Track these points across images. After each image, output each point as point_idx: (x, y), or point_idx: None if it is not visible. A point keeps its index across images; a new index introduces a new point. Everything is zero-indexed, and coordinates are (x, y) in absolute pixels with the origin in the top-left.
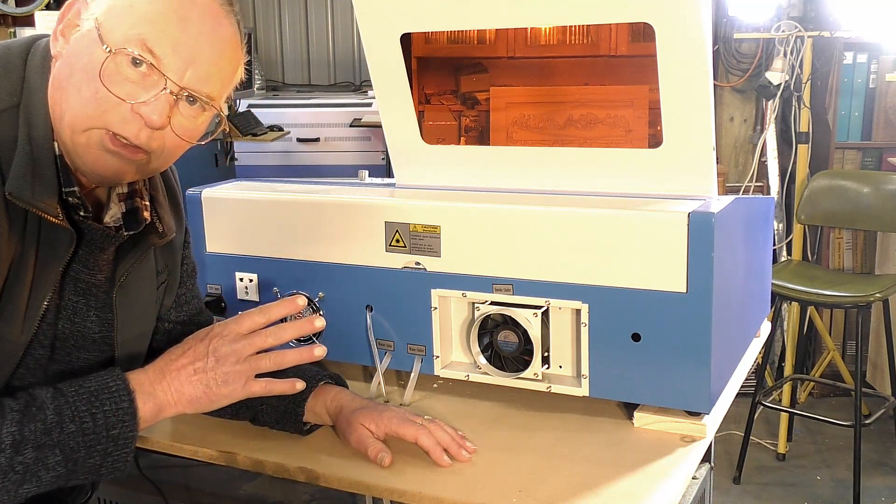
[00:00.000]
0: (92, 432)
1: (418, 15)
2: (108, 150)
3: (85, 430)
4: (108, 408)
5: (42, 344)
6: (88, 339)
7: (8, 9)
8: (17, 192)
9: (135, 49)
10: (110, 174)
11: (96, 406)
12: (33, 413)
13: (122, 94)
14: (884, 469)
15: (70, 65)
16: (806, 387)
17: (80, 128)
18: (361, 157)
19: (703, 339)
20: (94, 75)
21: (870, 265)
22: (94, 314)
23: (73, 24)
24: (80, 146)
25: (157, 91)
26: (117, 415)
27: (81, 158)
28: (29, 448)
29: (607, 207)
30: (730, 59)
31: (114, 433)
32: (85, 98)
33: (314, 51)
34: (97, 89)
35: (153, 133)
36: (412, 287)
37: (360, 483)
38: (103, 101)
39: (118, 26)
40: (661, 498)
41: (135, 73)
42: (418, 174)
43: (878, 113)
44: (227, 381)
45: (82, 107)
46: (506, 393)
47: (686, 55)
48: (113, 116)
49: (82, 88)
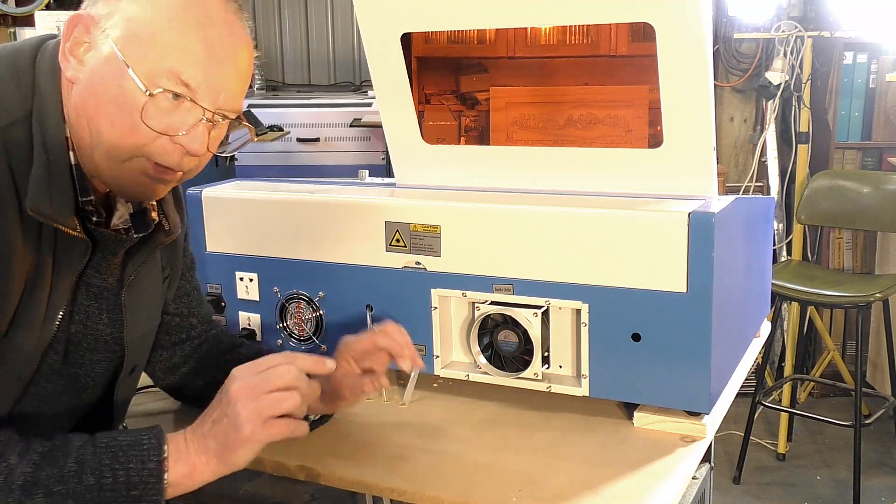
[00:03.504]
0: (110, 489)
1: (418, 15)
2: (150, 177)
3: (103, 486)
4: (133, 466)
5: (56, 349)
6: (100, 342)
7: (8, 9)
8: (36, 208)
9: (169, 84)
10: (147, 194)
11: (121, 461)
12: (55, 458)
13: (161, 128)
14: (884, 469)
15: (95, 95)
16: (806, 387)
17: (121, 158)
18: (361, 157)
19: (703, 339)
20: (129, 110)
21: (870, 265)
22: (106, 316)
23: (81, 42)
24: (121, 174)
25: (195, 121)
26: (141, 475)
27: (122, 184)
28: (40, 494)
29: (607, 207)
30: (730, 59)
31: (134, 494)
32: (121, 131)
33: (314, 51)
34: (135, 124)
35: (192, 156)
36: (412, 287)
37: (360, 482)
38: (143, 136)
39: (145, 57)
40: (661, 498)
41: (170, 104)
42: (418, 174)
43: (878, 113)
44: (243, 422)
45: (120, 139)
46: (506, 393)
47: (686, 55)
48: (154, 148)
49: (116, 122)
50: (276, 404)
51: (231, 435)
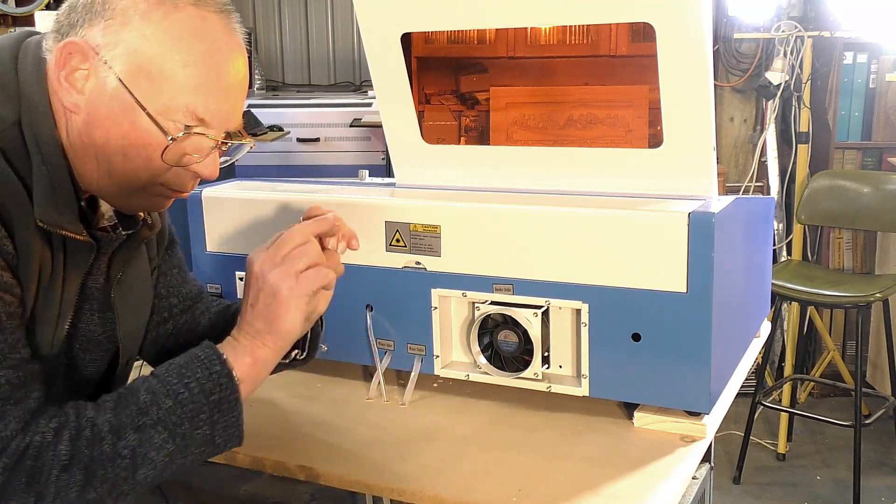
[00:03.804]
0: (190, 402)
1: (418, 15)
2: (164, 197)
3: (182, 402)
4: (201, 374)
5: (59, 353)
6: (93, 341)
7: (8, 9)
8: (44, 218)
9: (185, 119)
10: (157, 209)
11: (188, 377)
12: (126, 400)
13: (176, 162)
14: (884, 469)
15: (103, 128)
16: (806, 387)
17: (137, 187)
18: (361, 157)
19: (703, 339)
20: (144, 147)
21: (870, 265)
22: (97, 316)
23: (76, 69)
24: (135, 198)
25: (208, 150)
26: (212, 379)
27: (132, 205)
28: (129, 431)
29: (607, 207)
30: (730, 59)
31: (214, 398)
32: (136, 166)
33: (314, 51)
34: (150, 159)
35: None
36: (412, 287)
37: (360, 482)
38: (159, 169)
39: (157, 94)
40: (661, 498)
41: (184, 137)
42: (418, 174)
43: (878, 113)
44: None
45: (135, 172)
46: (506, 393)
47: (686, 55)
48: (169, 177)
49: (130, 156)
50: (298, 259)
51: (272, 304)
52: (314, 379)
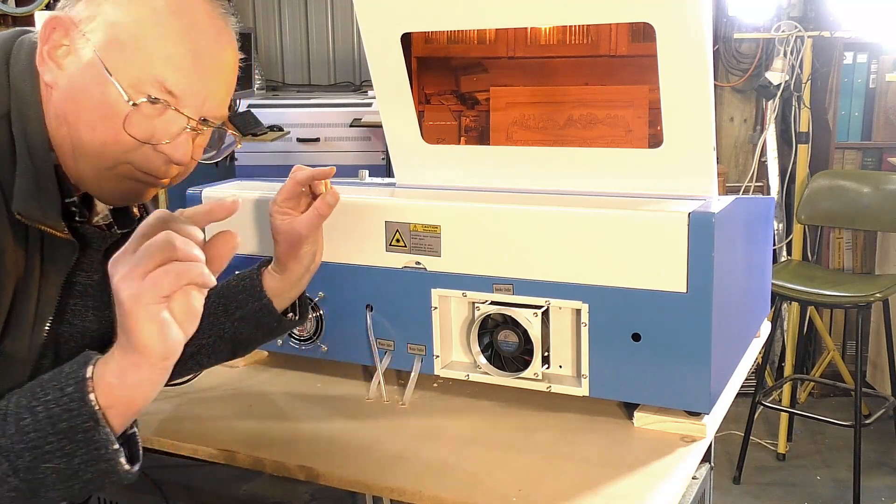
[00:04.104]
0: (32, 430)
1: (418, 15)
2: (137, 180)
3: (23, 429)
4: (52, 396)
5: (46, 355)
6: (87, 338)
7: (8, 9)
8: (25, 212)
9: (153, 91)
10: (134, 198)
11: (38, 398)
12: None
13: (144, 137)
14: (884, 469)
15: (75, 100)
16: (806, 387)
17: (105, 165)
18: (361, 157)
19: (703, 339)
20: (111, 118)
21: (870, 265)
22: (92, 314)
23: (59, 45)
24: (107, 180)
25: (179, 129)
26: (62, 403)
27: (108, 190)
28: None
29: (607, 207)
30: (730, 59)
31: (62, 426)
32: (103, 140)
33: (314, 51)
34: (117, 133)
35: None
36: (412, 287)
37: (360, 482)
38: (125, 144)
39: (129, 64)
40: (661, 498)
41: (153, 111)
42: (418, 174)
43: (878, 113)
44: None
45: (102, 147)
46: (506, 392)
47: (686, 55)
48: (137, 156)
49: (98, 129)
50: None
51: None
52: (314, 379)
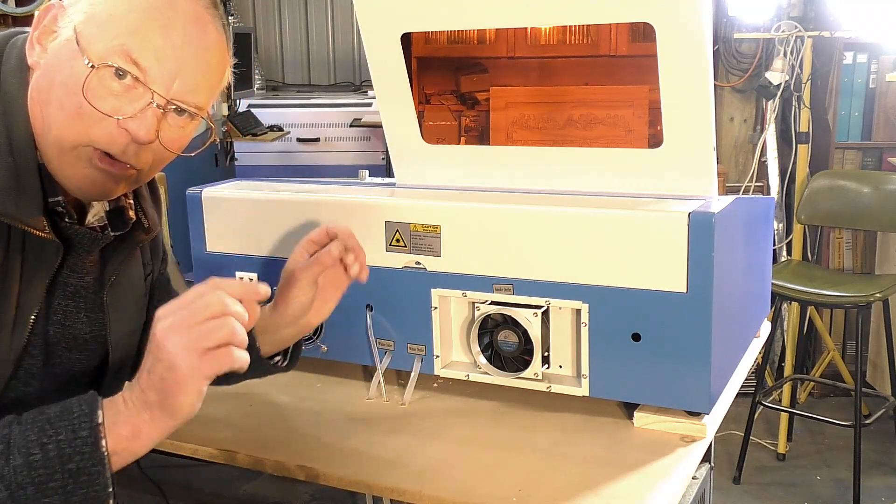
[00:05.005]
0: (41, 466)
1: (418, 15)
2: (96, 168)
3: (32, 464)
4: (64, 437)
5: (32, 353)
6: (80, 340)
7: (8, 9)
8: (2, 210)
9: (118, 61)
10: (97, 191)
11: (49, 435)
12: None
13: (106, 109)
14: (884, 469)
15: (49, 77)
16: (806, 387)
17: (67, 145)
18: (361, 157)
19: (703, 339)
20: (76, 90)
21: (870, 265)
22: (84, 315)
23: (49, 31)
24: (67, 164)
25: (144, 105)
26: (73, 445)
27: (69, 177)
28: None
29: (607, 207)
30: (730, 59)
31: (70, 468)
32: (68, 114)
33: (314, 51)
34: (80, 104)
35: (141, 148)
36: (412, 287)
37: (360, 482)
38: (87, 117)
39: (99, 37)
40: (661, 498)
41: (119, 86)
42: (418, 174)
43: (878, 113)
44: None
45: (66, 123)
46: (506, 393)
47: (686, 55)
48: (98, 132)
49: (64, 103)
50: (208, 335)
51: (168, 378)
52: (314, 379)
